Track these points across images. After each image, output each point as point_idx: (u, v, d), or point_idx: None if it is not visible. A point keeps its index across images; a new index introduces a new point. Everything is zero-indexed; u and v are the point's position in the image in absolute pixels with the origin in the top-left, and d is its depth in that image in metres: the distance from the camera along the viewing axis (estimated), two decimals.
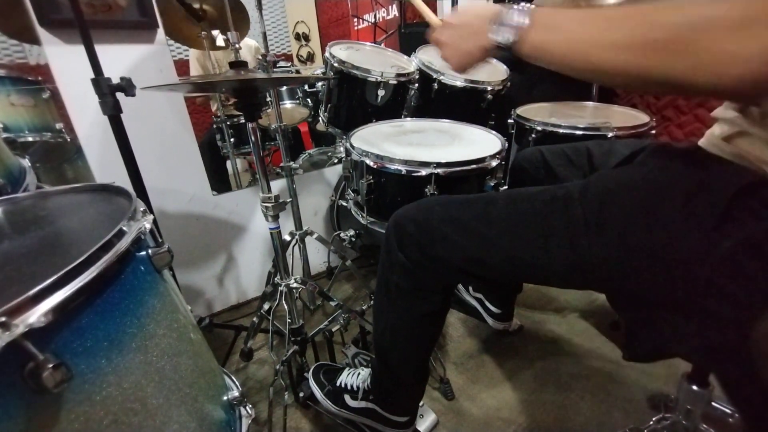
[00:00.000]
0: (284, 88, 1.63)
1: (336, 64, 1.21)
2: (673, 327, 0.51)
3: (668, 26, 0.38)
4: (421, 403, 0.98)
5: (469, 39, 0.58)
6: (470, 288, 1.35)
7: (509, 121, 1.36)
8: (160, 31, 1.17)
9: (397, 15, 1.99)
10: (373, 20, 2.08)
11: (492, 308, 1.27)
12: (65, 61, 1.05)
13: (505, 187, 0.93)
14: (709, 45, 0.36)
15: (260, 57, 1.05)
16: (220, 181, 1.52)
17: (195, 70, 1.89)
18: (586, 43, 0.43)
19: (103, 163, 1.16)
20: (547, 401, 1.08)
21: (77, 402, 0.38)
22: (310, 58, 1.94)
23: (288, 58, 1.91)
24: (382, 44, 1.77)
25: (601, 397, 1.07)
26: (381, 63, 1.29)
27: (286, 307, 1.05)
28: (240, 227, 1.52)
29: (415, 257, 0.68)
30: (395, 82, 1.23)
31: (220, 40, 1.47)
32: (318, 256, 1.75)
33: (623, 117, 1.29)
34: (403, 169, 0.87)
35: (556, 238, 0.55)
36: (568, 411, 1.04)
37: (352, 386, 0.91)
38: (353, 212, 1.06)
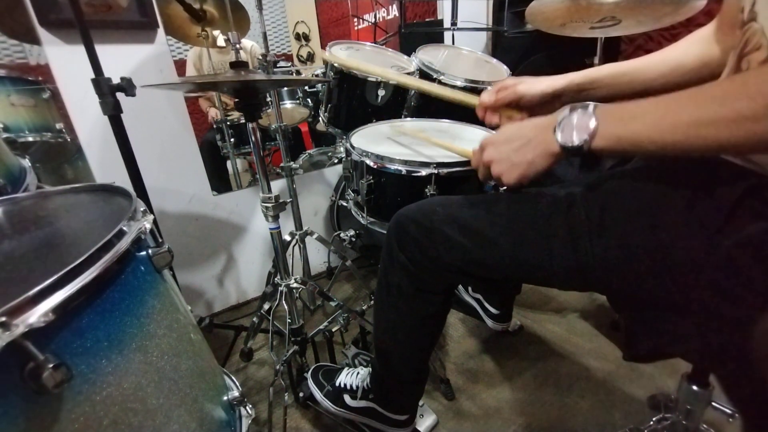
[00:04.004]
0: (284, 88, 1.63)
1: (336, 64, 1.21)
2: (673, 327, 0.51)
3: None
4: (421, 403, 0.98)
5: (527, 150, 0.56)
6: (469, 288, 1.35)
7: None
8: (160, 31, 1.17)
9: (398, 15, 1.99)
10: (373, 20, 2.08)
11: (491, 309, 1.27)
12: (65, 61, 1.05)
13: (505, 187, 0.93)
14: None
15: (260, 57, 1.05)
16: (220, 181, 1.52)
17: (191, 74, 1.88)
18: (687, 124, 0.42)
19: (104, 163, 1.16)
20: (547, 401, 1.08)
21: (77, 402, 0.38)
22: (310, 58, 1.94)
23: (288, 58, 1.91)
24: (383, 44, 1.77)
25: (601, 397, 1.07)
26: (381, 63, 1.29)
27: (286, 307, 1.05)
28: (240, 227, 1.52)
29: (416, 258, 0.68)
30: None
31: (220, 40, 1.47)
32: (318, 256, 1.75)
33: None
34: (403, 169, 0.87)
35: (559, 240, 0.55)
36: (568, 411, 1.04)
37: (351, 386, 0.91)
38: (353, 212, 1.05)
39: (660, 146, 0.45)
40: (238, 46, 0.98)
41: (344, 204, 1.38)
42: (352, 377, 0.93)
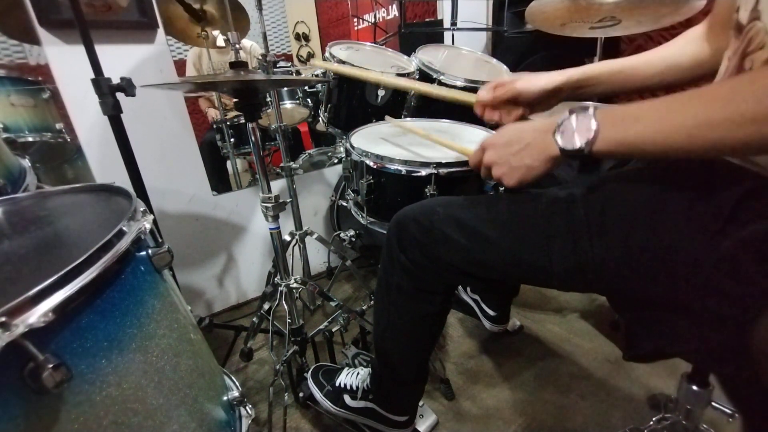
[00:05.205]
0: (284, 88, 1.63)
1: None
2: (673, 327, 0.51)
3: None
4: (421, 403, 0.98)
5: (525, 154, 0.56)
6: (468, 289, 1.35)
7: None
8: (160, 31, 1.17)
9: (398, 15, 1.99)
10: (373, 20, 2.08)
11: (488, 311, 1.27)
12: (65, 61, 1.05)
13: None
14: None
15: (260, 57, 1.05)
16: (220, 181, 1.52)
17: (191, 74, 1.88)
18: (693, 126, 0.42)
19: (103, 163, 1.16)
20: (547, 401, 1.08)
21: (77, 402, 0.38)
22: (310, 58, 1.94)
23: (288, 58, 1.91)
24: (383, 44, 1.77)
25: (601, 397, 1.07)
26: (381, 63, 1.29)
27: (286, 307, 1.05)
28: (240, 227, 1.52)
29: (416, 258, 0.68)
30: None
31: (220, 41, 1.46)
32: (318, 257, 1.75)
33: None
34: (403, 169, 0.87)
35: (559, 240, 0.55)
36: (568, 411, 1.04)
37: (351, 386, 0.91)
38: (353, 212, 1.05)
39: (663, 149, 0.44)
40: (237, 46, 0.98)
41: (344, 204, 1.38)
42: (352, 377, 0.93)
